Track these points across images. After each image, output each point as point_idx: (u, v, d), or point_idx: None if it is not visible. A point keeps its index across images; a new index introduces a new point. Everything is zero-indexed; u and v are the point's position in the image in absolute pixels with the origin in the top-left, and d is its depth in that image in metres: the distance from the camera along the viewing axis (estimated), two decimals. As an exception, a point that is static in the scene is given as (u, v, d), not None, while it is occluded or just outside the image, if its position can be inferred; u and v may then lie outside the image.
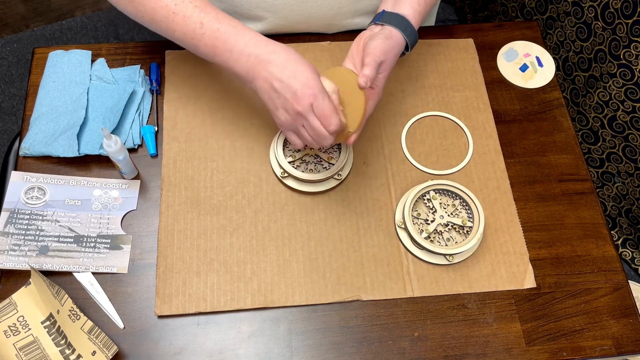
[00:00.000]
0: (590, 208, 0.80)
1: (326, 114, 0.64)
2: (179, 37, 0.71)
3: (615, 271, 0.76)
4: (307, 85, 0.64)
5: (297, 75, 0.64)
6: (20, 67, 1.68)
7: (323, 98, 0.64)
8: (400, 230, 0.76)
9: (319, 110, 0.64)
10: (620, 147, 1.25)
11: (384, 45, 0.70)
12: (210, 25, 0.69)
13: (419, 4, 0.75)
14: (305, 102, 0.64)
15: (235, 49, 0.68)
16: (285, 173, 0.77)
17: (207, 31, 0.69)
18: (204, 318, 0.70)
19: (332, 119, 0.64)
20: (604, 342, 0.71)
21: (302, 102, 0.64)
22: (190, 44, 0.71)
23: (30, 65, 0.86)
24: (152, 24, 0.73)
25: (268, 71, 0.66)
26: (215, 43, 0.69)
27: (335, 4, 0.83)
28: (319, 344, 0.70)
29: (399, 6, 0.74)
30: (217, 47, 0.69)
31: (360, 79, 0.67)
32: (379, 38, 0.70)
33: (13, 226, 0.73)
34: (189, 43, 0.71)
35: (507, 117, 0.86)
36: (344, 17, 0.86)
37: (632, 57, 1.10)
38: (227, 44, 0.68)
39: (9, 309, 0.67)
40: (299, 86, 0.64)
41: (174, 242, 0.74)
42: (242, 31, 0.68)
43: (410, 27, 0.73)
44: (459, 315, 0.72)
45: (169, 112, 0.83)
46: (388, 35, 0.71)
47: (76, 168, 0.79)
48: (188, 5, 0.69)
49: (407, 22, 0.73)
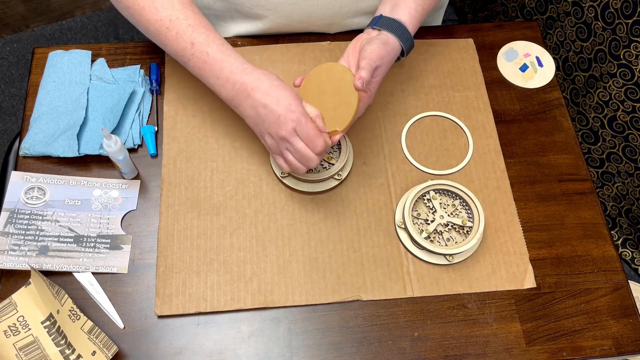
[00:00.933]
0: (590, 208, 0.80)
1: (311, 137, 0.66)
2: (171, 52, 0.74)
3: (615, 271, 0.76)
4: (290, 110, 0.66)
5: (280, 101, 0.66)
6: (20, 67, 1.68)
7: (306, 122, 0.66)
8: (400, 230, 0.76)
9: (303, 134, 0.66)
10: (620, 147, 1.25)
11: (380, 50, 0.70)
12: (200, 47, 0.70)
13: (416, 10, 0.75)
14: (289, 127, 0.66)
15: (221, 76, 0.70)
16: (285, 173, 0.77)
17: (196, 52, 0.71)
18: (204, 318, 0.70)
19: (317, 141, 0.66)
20: (604, 342, 0.71)
21: (286, 126, 0.66)
22: (181, 61, 0.74)
23: (30, 65, 0.86)
24: (147, 33, 0.74)
25: (252, 98, 0.68)
26: (203, 66, 0.71)
27: (336, 3, 0.83)
28: (319, 344, 0.70)
29: (396, 11, 0.75)
30: (204, 70, 0.71)
31: (357, 80, 0.68)
32: (375, 43, 0.71)
33: (13, 226, 0.73)
34: (179, 59, 0.73)
35: (507, 117, 0.86)
36: (345, 17, 0.86)
37: (632, 57, 1.10)
38: (214, 69, 0.70)
39: (9, 309, 0.67)
40: (282, 111, 0.66)
41: (174, 242, 0.74)
42: (230, 57, 0.70)
43: (406, 33, 0.74)
44: (459, 315, 0.72)
45: (169, 112, 0.83)
46: (385, 41, 0.72)
47: (76, 168, 0.79)
48: (182, 22, 0.71)
49: (404, 28, 0.74)
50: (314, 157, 0.67)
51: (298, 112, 0.66)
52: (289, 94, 0.67)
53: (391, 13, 0.75)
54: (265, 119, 0.67)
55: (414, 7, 0.75)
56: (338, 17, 0.86)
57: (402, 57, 0.77)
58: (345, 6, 0.84)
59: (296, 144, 0.67)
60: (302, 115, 0.66)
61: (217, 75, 0.70)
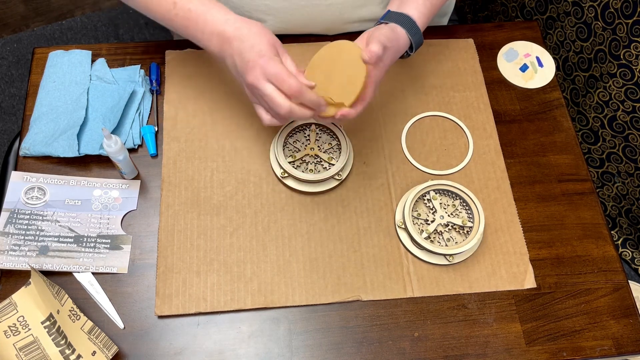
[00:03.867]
0: (590, 208, 0.80)
1: (280, 77, 0.61)
2: (157, 17, 0.72)
3: (615, 271, 0.76)
4: (259, 55, 0.62)
5: (253, 47, 0.63)
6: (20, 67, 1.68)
7: (274, 63, 0.61)
8: (401, 230, 0.76)
9: (272, 75, 0.61)
10: (620, 147, 1.25)
11: (390, 33, 0.69)
12: (182, 4, 0.69)
13: (424, 6, 0.74)
14: (257, 72, 0.62)
15: (206, 30, 0.68)
16: (285, 173, 0.77)
17: (179, 11, 0.69)
18: (204, 318, 0.70)
19: (289, 80, 0.60)
20: (604, 342, 0.71)
21: (253, 72, 0.63)
22: (167, 24, 0.72)
23: (30, 65, 0.86)
24: (131, 3, 0.73)
25: (231, 47, 0.65)
26: (188, 24, 0.69)
27: (335, 9, 0.83)
28: (319, 344, 0.70)
29: (404, 7, 0.74)
30: (189, 27, 0.69)
31: (365, 53, 0.63)
32: (385, 28, 0.69)
33: (13, 226, 0.73)
34: (165, 23, 0.72)
35: (507, 117, 0.86)
36: (344, 22, 0.86)
37: (632, 57, 1.10)
38: (199, 24, 0.68)
39: (9, 309, 0.67)
40: (253, 56, 0.63)
41: (174, 242, 0.74)
42: (212, 9, 0.68)
43: (414, 27, 0.73)
44: (459, 316, 0.72)
45: (169, 112, 0.83)
46: (393, 28, 0.71)
47: (76, 168, 0.79)
48: None
49: (412, 21, 0.72)
50: (285, 104, 0.61)
51: (267, 56, 0.62)
52: (265, 41, 0.63)
53: (399, 9, 0.74)
54: (240, 67, 0.64)
55: (421, 2, 0.74)
56: (337, 22, 0.86)
57: (411, 53, 0.75)
58: (345, 12, 0.84)
59: (264, 88, 0.62)
60: (269, 58, 0.62)
61: (202, 30, 0.68)
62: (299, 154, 0.79)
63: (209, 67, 0.86)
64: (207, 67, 0.86)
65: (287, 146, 0.80)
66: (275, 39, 0.66)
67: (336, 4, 0.82)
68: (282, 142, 0.79)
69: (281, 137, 0.79)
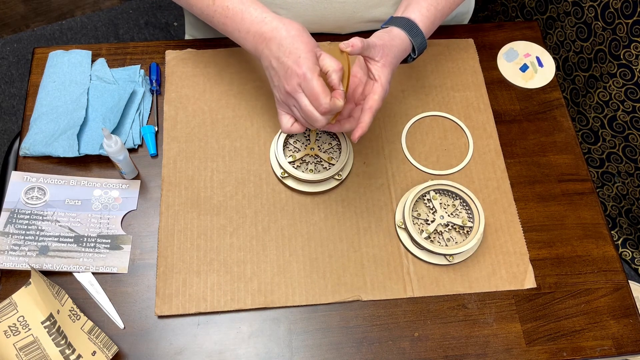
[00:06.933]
0: (590, 208, 0.80)
1: (315, 94, 0.61)
2: (196, 12, 0.73)
3: (616, 271, 0.76)
4: (297, 64, 0.62)
5: (291, 53, 0.63)
6: (20, 67, 1.69)
7: (311, 77, 0.61)
8: (401, 230, 0.76)
9: (308, 90, 0.62)
10: (620, 147, 1.25)
11: (383, 33, 0.69)
12: (221, 1, 0.70)
13: (427, 10, 0.74)
14: (294, 82, 0.63)
15: (242, 28, 0.69)
16: (285, 173, 0.77)
17: (218, 8, 0.70)
18: (204, 318, 0.70)
19: (320, 99, 0.61)
20: (604, 342, 0.71)
21: (291, 81, 0.63)
22: (208, 21, 0.73)
23: (30, 65, 0.86)
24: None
25: (269, 49, 0.66)
26: (225, 21, 0.70)
27: (348, 8, 0.83)
28: (319, 344, 0.70)
29: (407, 12, 0.74)
30: (227, 25, 0.70)
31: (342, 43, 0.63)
32: (379, 31, 0.70)
33: (13, 226, 0.73)
34: (206, 19, 0.73)
35: (507, 117, 0.86)
36: (357, 21, 0.86)
37: (632, 57, 1.10)
38: (235, 22, 0.69)
39: (9, 309, 0.67)
40: (291, 64, 0.63)
41: (174, 242, 0.74)
42: (249, 7, 0.68)
43: (415, 28, 0.72)
44: (459, 316, 0.72)
45: (169, 112, 0.83)
46: (389, 30, 0.71)
47: (76, 168, 0.79)
48: None
49: (413, 23, 0.72)
50: (319, 117, 0.63)
51: (305, 66, 0.61)
52: (303, 47, 0.63)
53: (402, 14, 0.74)
54: (277, 71, 0.65)
55: (425, 6, 0.74)
56: (351, 21, 0.86)
57: (414, 56, 0.75)
58: (358, 12, 0.84)
59: (301, 100, 0.63)
60: (309, 70, 0.61)
61: (238, 28, 0.69)
62: (299, 154, 0.79)
63: (209, 67, 0.86)
64: (207, 67, 0.86)
65: (287, 146, 0.80)
66: (313, 42, 0.65)
67: (350, 2, 0.82)
68: (282, 142, 0.79)
69: (281, 137, 0.79)
